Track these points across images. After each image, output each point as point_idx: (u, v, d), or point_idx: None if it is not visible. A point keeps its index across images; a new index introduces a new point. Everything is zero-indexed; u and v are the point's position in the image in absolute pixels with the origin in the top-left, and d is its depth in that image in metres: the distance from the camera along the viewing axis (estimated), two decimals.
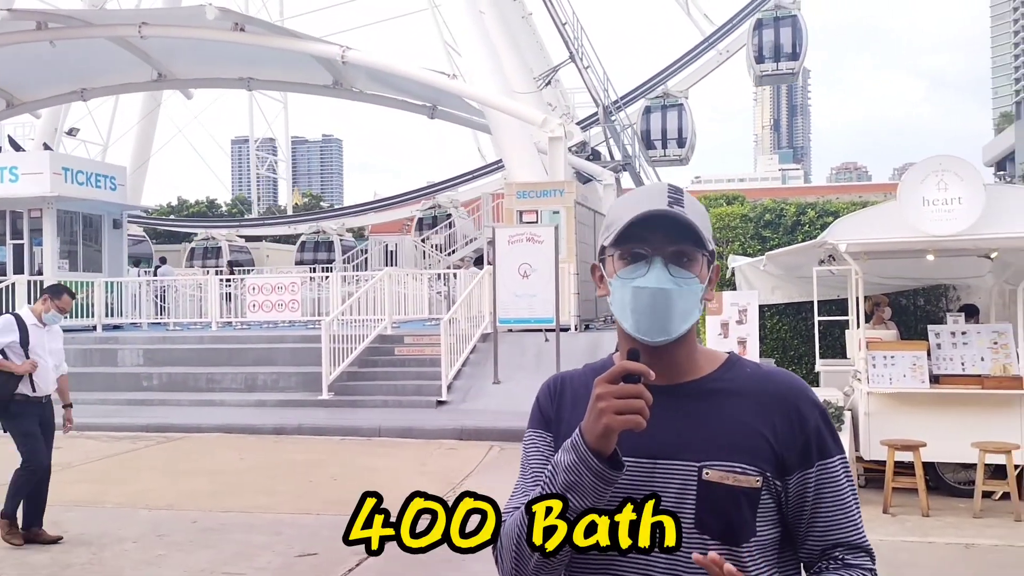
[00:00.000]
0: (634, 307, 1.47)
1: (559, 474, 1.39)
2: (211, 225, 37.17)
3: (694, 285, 1.48)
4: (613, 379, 1.35)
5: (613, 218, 1.54)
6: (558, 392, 1.65)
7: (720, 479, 1.46)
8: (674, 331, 1.48)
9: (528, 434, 1.65)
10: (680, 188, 1.52)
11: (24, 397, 6.88)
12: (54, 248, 19.57)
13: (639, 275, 1.47)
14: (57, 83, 25.55)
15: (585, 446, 1.36)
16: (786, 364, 11.09)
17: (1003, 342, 7.95)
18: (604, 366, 1.62)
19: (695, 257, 1.49)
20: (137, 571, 6.16)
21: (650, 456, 1.48)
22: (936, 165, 7.69)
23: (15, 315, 7.13)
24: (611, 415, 1.33)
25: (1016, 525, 7.12)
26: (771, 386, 1.55)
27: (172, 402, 14.44)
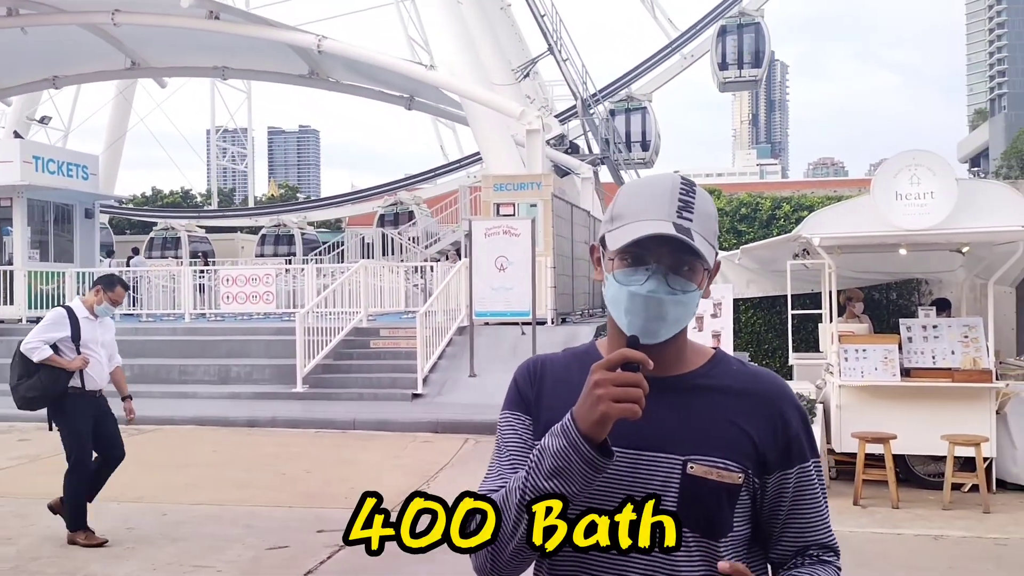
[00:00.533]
0: (628, 308, 1.46)
1: (546, 459, 1.37)
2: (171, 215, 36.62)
3: (691, 293, 1.47)
4: (612, 366, 1.34)
5: (619, 211, 1.50)
6: (538, 375, 1.62)
7: (704, 474, 1.47)
8: (665, 336, 1.48)
9: (504, 415, 1.61)
10: (692, 185, 1.50)
11: (78, 391, 6.62)
12: (24, 238, 19.30)
13: (636, 282, 1.45)
14: (28, 70, 25.22)
15: (577, 432, 1.34)
16: (760, 357, 11.15)
17: (973, 336, 8.02)
18: (586, 352, 1.63)
19: (696, 268, 1.47)
20: (103, 565, 6.08)
21: (635, 447, 1.47)
22: (909, 160, 7.74)
23: (67, 308, 6.83)
24: (608, 403, 1.31)
25: (984, 517, 7.19)
26: (757, 386, 1.56)
27: (144, 394, 14.20)
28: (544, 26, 25.62)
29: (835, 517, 4.76)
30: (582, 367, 1.52)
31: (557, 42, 25.52)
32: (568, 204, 17.57)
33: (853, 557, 6.14)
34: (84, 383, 6.65)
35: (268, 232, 31.57)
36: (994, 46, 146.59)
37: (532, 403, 1.59)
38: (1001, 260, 8.40)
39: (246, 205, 50.29)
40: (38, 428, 11.96)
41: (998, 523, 7.05)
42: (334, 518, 7.23)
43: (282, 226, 31.45)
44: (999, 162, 66.84)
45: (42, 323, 6.74)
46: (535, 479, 1.38)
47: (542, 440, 1.41)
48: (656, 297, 1.43)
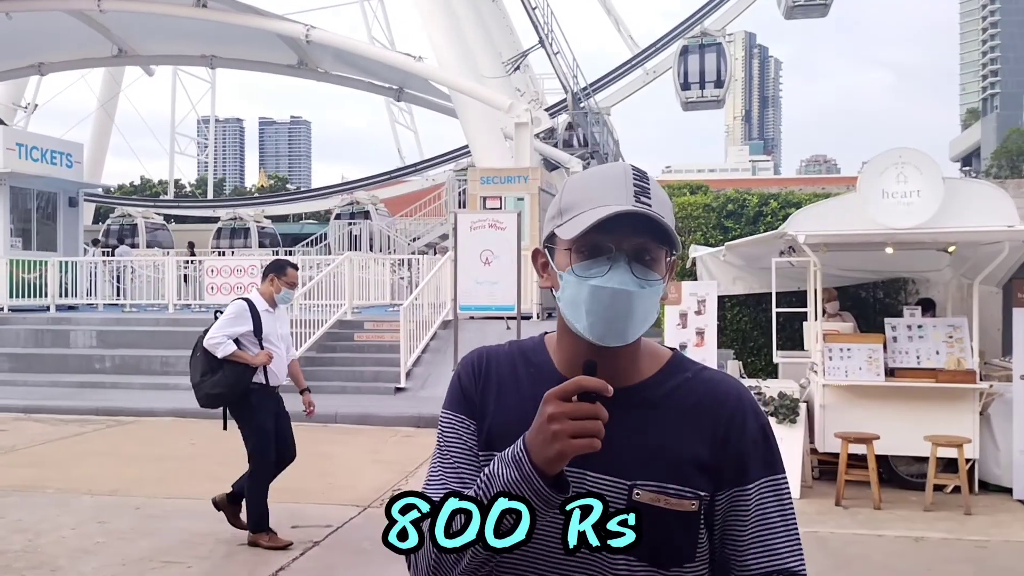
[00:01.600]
0: (590, 308, 1.31)
1: (495, 489, 1.25)
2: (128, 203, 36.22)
3: (657, 285, 1.34)
4: (567, 396, 1.20)
5: (569, 203, 1.36)
6: (482, 373, 1.48)
7: (652, 501, 1.34)
8: (631, 336, 1.34)
9: (446, 416, 1.48)
10: (644, 172, 1.37)
11: (260, 387, 6.37)
12: (7, 226, 19.10)
13: (598, 273, 1.31)
14: (13, 56, 24.97)
15: (531, 466, 1.22)
16: (745, 355, 11.07)
17: (958, 336, 7.97)
18: (533, 350, 1.49)
19: (659, 255, 1.34)
20: (72, 559, 5.97)
21: (580, 466, 1.34)
22: (896, 158, 7.66)
23: (246, 300, 6.48)
24: (566, 439, 1.19)
25: (965, 519, 7.14)
26: (712, 395, 1.42)
27: (124, 385, 14.15)
28: (535, 18, 25.50)
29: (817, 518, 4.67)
30: (528, 367, 1.45)
31: (548, 35, 25.41)
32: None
33: (834, 558, 6.10)
34: (267, 379, 6.40)
35: (224, 225, 31.36)
36: (987, 46, 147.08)
37: (476, 404, 1.45)
38: (987, 260, 8.34)
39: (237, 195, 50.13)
40: (15, 419, 11.90)
41: (979, 525, 7.00)
42: (309, 514, 7.14)
43: (238, 219, 31.17)
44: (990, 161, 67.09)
45: (224, 317, 6.37)
46: None
47: (491, 465, 1.28)
48: (624, 291, 1.29)
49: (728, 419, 1.40)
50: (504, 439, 1.30)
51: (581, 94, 25.84)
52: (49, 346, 15.98)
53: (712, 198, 12.02)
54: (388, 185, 37.49)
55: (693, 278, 10.80)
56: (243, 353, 6.29)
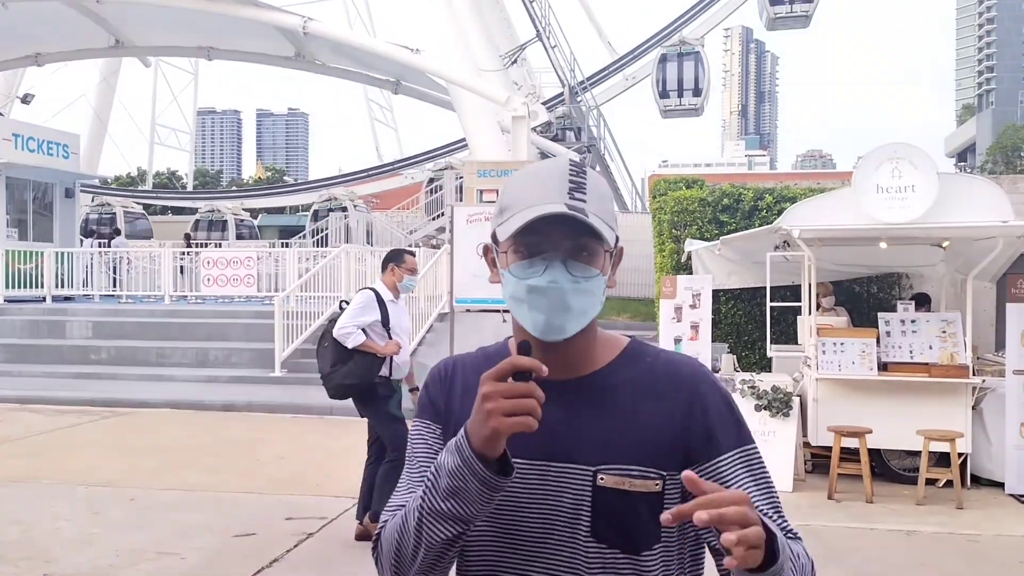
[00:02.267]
0: (529, 305, 1.34)
1: (442, 478, 1.27)
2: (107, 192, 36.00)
3: (594, 280, 1.35)
4: (501, 376, 1.22)
5: (508, 202, 1.38)
6: (449, 379, 1.50)
7: (616, 484, 1.35)
8: (572, 330, 1.35)
9: (415, 424, 1.50)
10: (582, 166, 1.38)
11: (384, 379, 6.29)
12: (3, 216, 19.06)
13: (535, 273, 1.33)
14: (9, 47, 24.89)
15: (470, 449, 1.24)
16: (740, 349, 11.11)
17: (951, 331, 8.00)
18: (499, 352, 1.50)
19: (596, 251, 1.35)
20: (66, 550, 5.98)
21: (544, 458, 1.36)
22: (891, 153, 7.68)
23: (373, 290, 6.38)
24: (499, 417, 1.20)
25: (957, 513, 7.18)
26: (671, 375, 1.43)
27: (120, 376, 14.14)
28: (533, 12, 25.46)
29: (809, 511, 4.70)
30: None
31: (546, 28, 25.38)
32: None
33: (826, 551, 6.13)
34: (391, 371, 6.32)
35: (202, 217, 31.33)
36: (983, 42, 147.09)
37: (443, 411, 1.47)
38: (981, 255, 8.37)
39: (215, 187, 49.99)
40: (11, 410, 11.91)
41: (971, 519, 7.04)
42: (304, 505, 7.16)
43: (216, 212, 31.14)
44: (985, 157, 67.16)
45: (352, 306, 6.29)
46: (431, 500, 1.29)
47: (438, 457, 1.31)
48: (557, 287, 1.32)
49: (690, 396, 1.40)
50: None
51: (578, 88, 25.82)
52: (45, 337, 15.97)
53: (708, 192, 12.04)
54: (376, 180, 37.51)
55: (688, 272, 10.83)
56: (372, 343, 6.21)
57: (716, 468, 1.38)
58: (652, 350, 1.49)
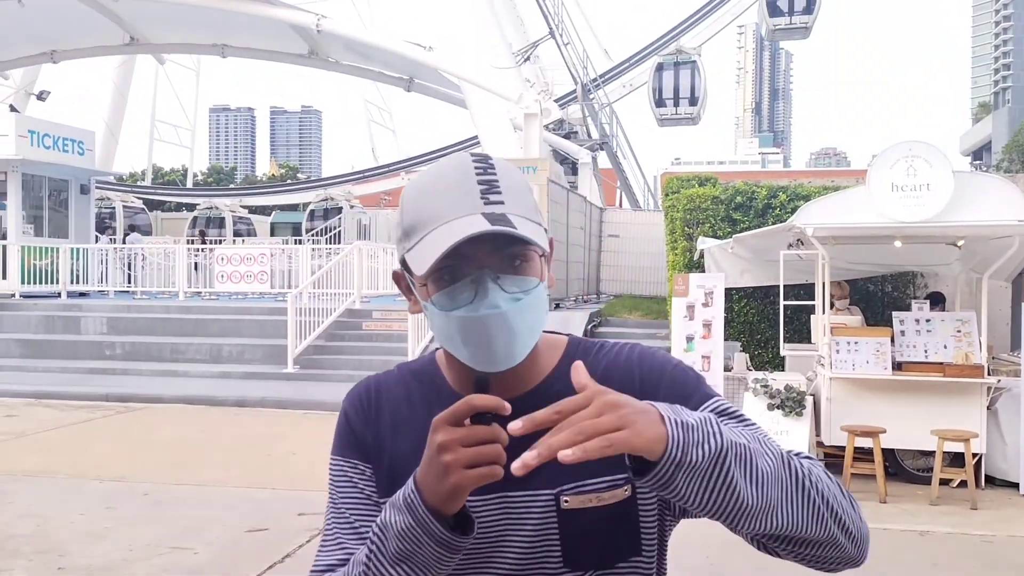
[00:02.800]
0: (466, 339, 1.12)
1: (389, 540, 1.09)
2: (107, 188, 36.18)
3: (536, 291, 1.14)
4: (456, 419, 1.03)
5: (411, 221, 1.15)
6: (373, 408, 1.28)
7: (582, 504, 1.18)
8: (521, 355, 1.15)
9: (335, 462, 1.27)
10: (487, 158, 1.17)
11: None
12: (19, 212, 19.20)
13: (464, 301, 1.11)
14: (26, 44, 25.07)
15: (425, 508, 1.05)
16: (752, 348, 11.07)
17: (966, 330, 7.95)
18: (424, 369, 1.30)
19: (529, 256, 1.14)
20: (81, 544, 6.02)
21: (500, 489, 1.16)
22: (906, 151, 7.63)
23: None
24: (460, 471, 1.02)
25: (971, 513, 7.14)
26: (615, 363, 1.26)
27: (134, 372, 14.23)
28: (545, 9, 25.44)
29: None
30: (424, 393, 1.26)
31: (558, 26, 25.34)
32: (564, 189, 17.47)
33: None
34: None
35: (200, 215, 31.51)
36: (999, 39, 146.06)
37: (370, 444, 1.26)
38: (997, 254, 8.32)
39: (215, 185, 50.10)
40: (26, 405, 11.99)
41: (985, 520, 7.00)
42: (316, 501, 7.16)
43: (214, 208, 31.33)
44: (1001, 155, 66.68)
45: None
46: (377, 566, 1.11)
47: (382, 513, 1.12)
48: (499, 313, 1.10)
49: (639, 379, 1.23)
50: (408, 478, 1.11)
51: (591, 85, 25.79)
52: (60, 332, 16.08)
53: (720, 190, 12.00)
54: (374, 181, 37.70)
55: (701, 270, 10.80)
56: None
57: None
58: (592, 344, 1.31)
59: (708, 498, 1.03)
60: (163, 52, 28.91)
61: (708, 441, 1.01)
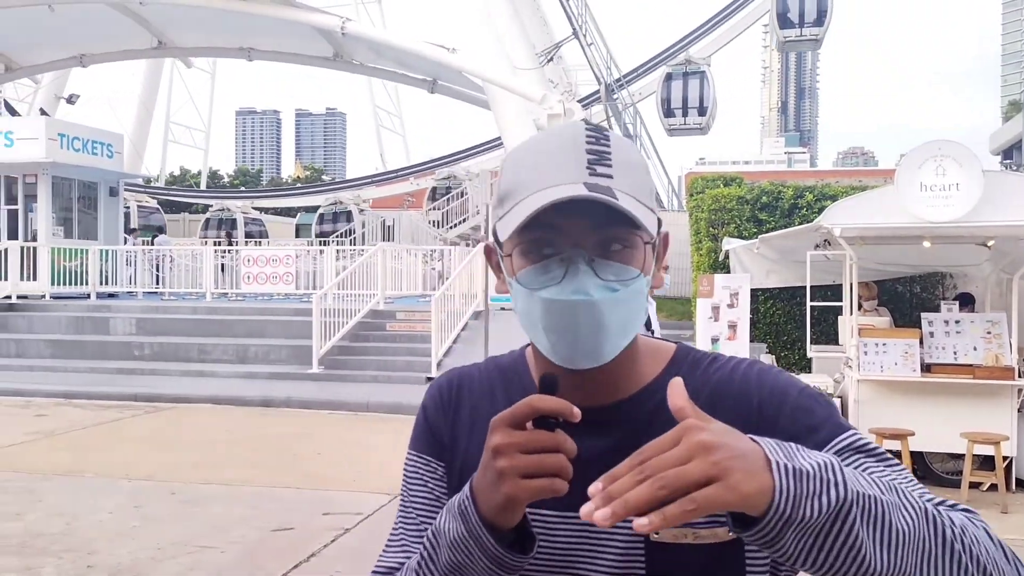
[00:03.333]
0: (548, 325, 1.00)
1: (442, 549, 0.99)
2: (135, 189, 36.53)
3: (635, 284, 1.01)
4: (517, 421, 0.91)
5: (508, 187, 1.03)
6: (453, 402, 1.17)
7: (675, 538, 1.02)
8: (608, 354, 1.02)
9: (410, 458, 1.17)
10: (602, 130, 1.04)
11: None
12: (49, 214, 19.47)
13: (551, 281, 0.99)
14: (56, 48, 25.41)
15: (478, 518, 0.94)
16: (779, 349, 11.00)
17: (996, 332, 7.84)
18: (511, 364, 1.19)
19: (632, 242, 1.00)
20: (109, 543, 6.08)
21: (577, 509, 0.96)
22: (935, 150, 7.54)
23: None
24: (514, 480, 0.89)
25: (1002, 517, 7.04)
26: (730, 380, 1.09)
27: (162, 372, 14.37)
28: (569, 9, 25.41)
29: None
30: (507, 390, 1.15)
31: (582, 26, 25.31)
32: None
33: None
34: None
35: (212, 216, 31.86)
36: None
37: (445, 441, 1.15)
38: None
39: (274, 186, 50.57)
40: (56, 404, 12.15)
41: (1016, 523, 6.90)
42: (341, 501, 7.22)
43: (226, 210, 31.65)
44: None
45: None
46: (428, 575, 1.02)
47: (438, 518, 1.02)
48: (587, 301, 0.97)
49: (757, 403, 1.06)
50: None
51: (615, 85, 25.73)
52: (89, 333, 16.27)
53: (746, 190, 11.93)
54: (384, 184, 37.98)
55: (726, 271, 10.74)
56: None
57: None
58: (705, 355, 1.16)
59: (824, 560, 0.84)
60: (190, 55, 29.19)
61: (827, 492, 0.83)
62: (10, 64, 25.93)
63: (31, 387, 13.05)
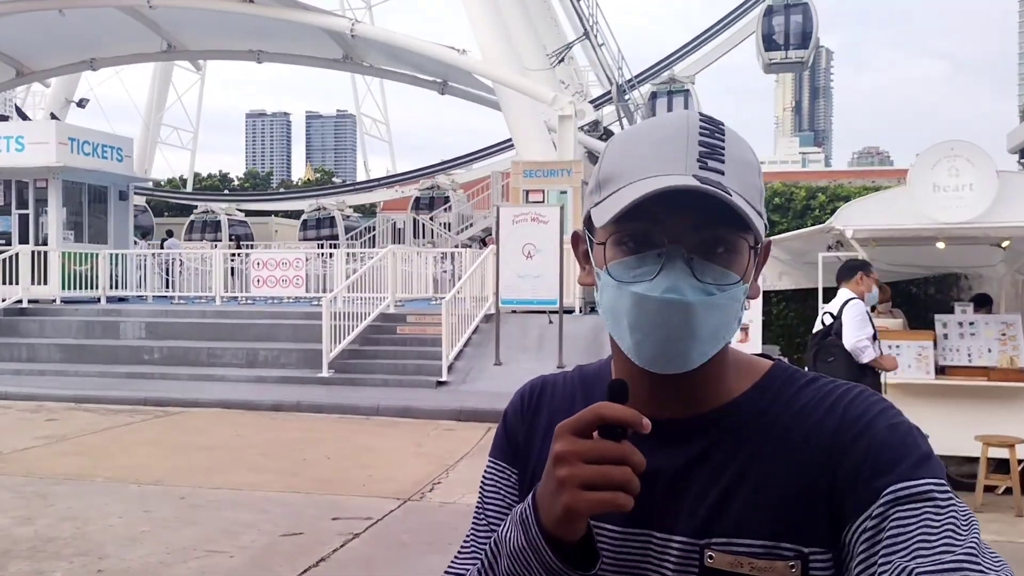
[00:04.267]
0: (635, 322, 0.94)
1: (502, 558, 0.95)
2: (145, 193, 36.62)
3: (733, 291, 0.95)
4: (581, 430, 0.86)
5: (609, 172, 0.98)
6: (532, 407, 1.14)
7: (732, 566, 0.96)
8: (695, 361, 0.96)
9: (488, 464, 1.16)
10: (719, 124, 0.97)
11: None
12: (59, 218, 19.54)
13: (645, 275, 0.93)
14: (66, 52, 25.50)
15: (538, 529, 0.90)
16: (791, 351, 10.94)
17: (1011, 333, 7.77)
18: (596, 371, 1.15)
19: (737, 246, 0.94)
20: (119, 547, 6.07)
21: (637, 524, 0.99)
22: (948, 150, 7.49)
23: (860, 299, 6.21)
24: (574, 490, 0.85)
25: (1016, 521, 6.96)
26: (819, 404, 1.00)
27: (172, 376, 14.39)
28: (580, 10, 25.37)
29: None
30: (587, 397, 1.09)
31: (593, 27, 25.27)
32: None
33: None
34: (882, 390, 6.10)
35: (196, 219, 32.16)
36: None
37: (520, 448, 1.13)
38: None
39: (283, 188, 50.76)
40: (67, 409, 12.18)
41: None
42: (350, 505, 7.19)
43: (210, 212, 31.88)
44: None
45: (855, 318, 6.11)
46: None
47: (501, 527, 0.97)
48: (680, 302, 0.91)
49: (833, 430, 0.97)
50: None
51: (626, 86, 25.68)
52: (99, 337, 16.31)
53: None
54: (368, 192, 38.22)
55: None
56: (882, 358, 6.07)
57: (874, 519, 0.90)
58: (802, 376, 1.06)
59: None
60: (200, 58, 29.31)
61: None
62: (21, 69, 26.07)
63: (42, 391, 13.09)
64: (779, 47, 27.07)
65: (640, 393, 0.94)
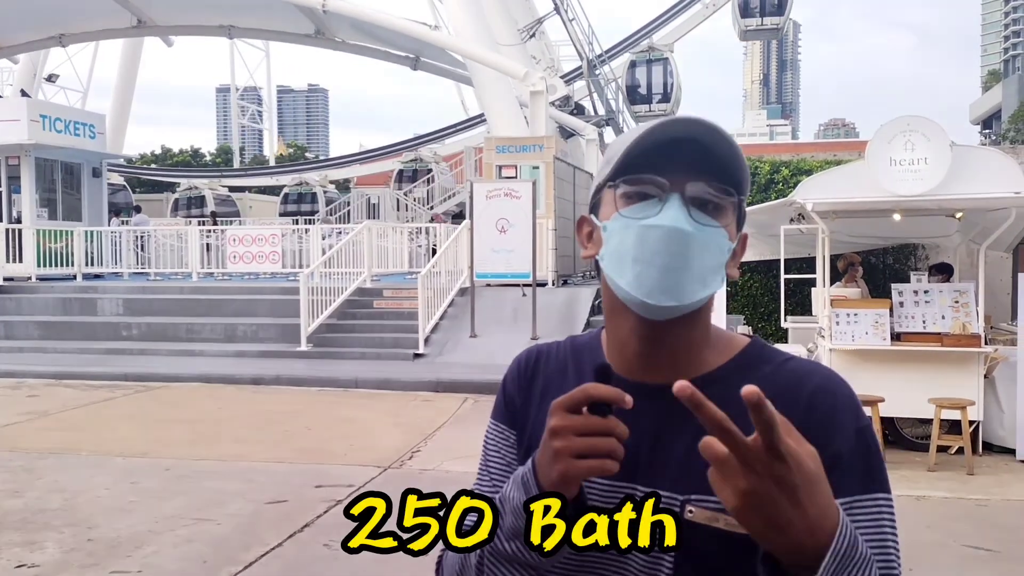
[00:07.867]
0: (638, 254, 1.08)
1: (506, 515, 1.06)
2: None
3: (721, 238, 1.10)
4: (573, 406, 0.99)
5: (617, 146, 1.14)
6: (529, 372, 1.28)
7: (708, 520, 1.07)
8: (688, 295, 1.08)
9: (490, 427, 1.28)
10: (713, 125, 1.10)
11: None
12: (33, 196, 19.47)
13: (650, 213, 1.09)
14: (34, 28, 25.21)
15: (538, 489, 1.03)
16: (756, 321, 11.26)
17: (964, 301, 8.11)
18: (586, 343, 1.28)
19: (723, 206, 1.11)
20: (108, 517, 6.28)
21: (622, 478, 1.08)
22: (904, 125, 7.78)
23: None
24: (568, 459, 0.99)
25: (967, 479, 7.34)
26: (796, 386, 1.12)
27: (151, 352, 14.52)
28: None
29: None
30: (578, 367, 1.25)
31: (563, 1, 25.32)
32: (570, 167, 17.58)
33: None
34: None
35: (180, 196, 32.11)
36: (1010, 6, 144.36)
37: (518, 412, 1.26)
38: (995, 225, 8.47)
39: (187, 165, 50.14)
40: (47, 385, 12.29)
41: (981, 484, 7.20)
42: (333, 474, 7.44)
43: (194, 189, 31.89)
44: (1007, 125, 66.03)
45: None
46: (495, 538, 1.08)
47: (504, 486, 1.10)
48: (678, 229, 1.06)
49: (814, 417, 1.08)
50: None
51: (596, 61, 25.81)
52: (77, 314, 16.36)
53: None
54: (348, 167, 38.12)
55: None
56: None
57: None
58: (776, 355, 1.19)
59: None
60: (170, 34, 29.00)
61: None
62: None
63: (22, 368, 13.18)
64: (755, 14, 27.37)
65: (630, 357, 1.13)
